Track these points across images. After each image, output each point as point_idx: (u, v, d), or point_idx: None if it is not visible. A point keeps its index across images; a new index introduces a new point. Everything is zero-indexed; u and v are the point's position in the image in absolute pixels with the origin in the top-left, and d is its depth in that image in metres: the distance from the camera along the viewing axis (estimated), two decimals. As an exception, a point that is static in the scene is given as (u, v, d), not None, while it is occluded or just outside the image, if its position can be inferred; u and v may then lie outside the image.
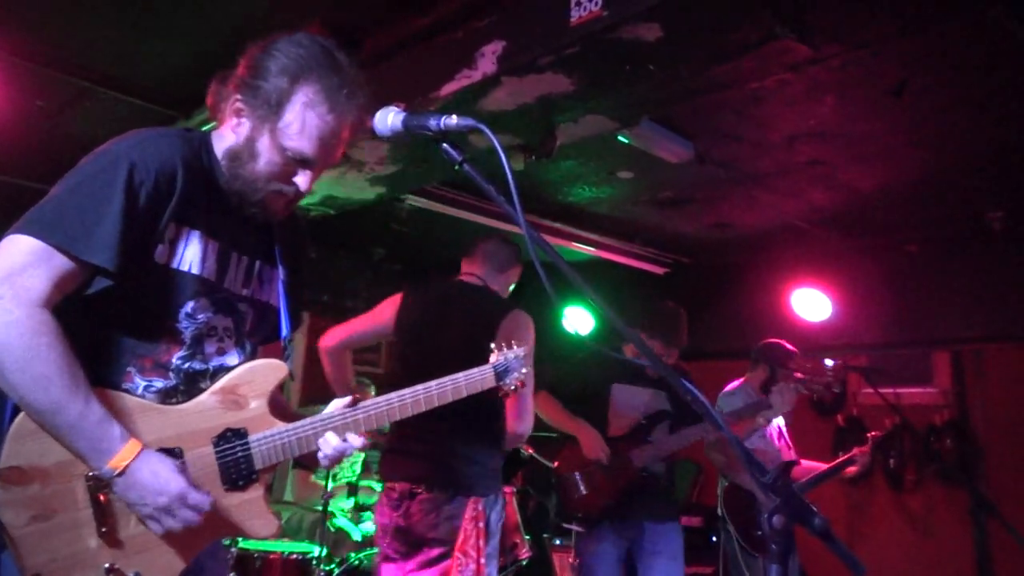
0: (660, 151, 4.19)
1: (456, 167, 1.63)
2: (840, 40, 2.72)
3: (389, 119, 1.68)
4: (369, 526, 4.99)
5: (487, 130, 1.56)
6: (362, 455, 5.34)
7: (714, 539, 6.41)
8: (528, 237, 1.61)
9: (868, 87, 3.59)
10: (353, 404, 1.82)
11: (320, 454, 1.78)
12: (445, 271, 7.42)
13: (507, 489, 5.08)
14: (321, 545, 4.43)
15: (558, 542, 5.19)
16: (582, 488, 3.91)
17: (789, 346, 4.92)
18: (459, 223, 5.55)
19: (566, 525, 4.01)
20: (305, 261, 2.06)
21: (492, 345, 2.07)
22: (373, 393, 5.16)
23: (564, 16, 2.70)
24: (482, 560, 2.91)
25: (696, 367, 4.82)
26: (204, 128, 4.07)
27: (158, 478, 1.55)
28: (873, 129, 4.07)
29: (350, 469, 5.27)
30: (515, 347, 2.06)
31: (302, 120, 1.69)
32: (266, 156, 1.71)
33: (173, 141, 1.71)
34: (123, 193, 1.56)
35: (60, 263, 1.53)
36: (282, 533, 4.86)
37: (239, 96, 1.73)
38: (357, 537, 4.85)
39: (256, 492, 1.74)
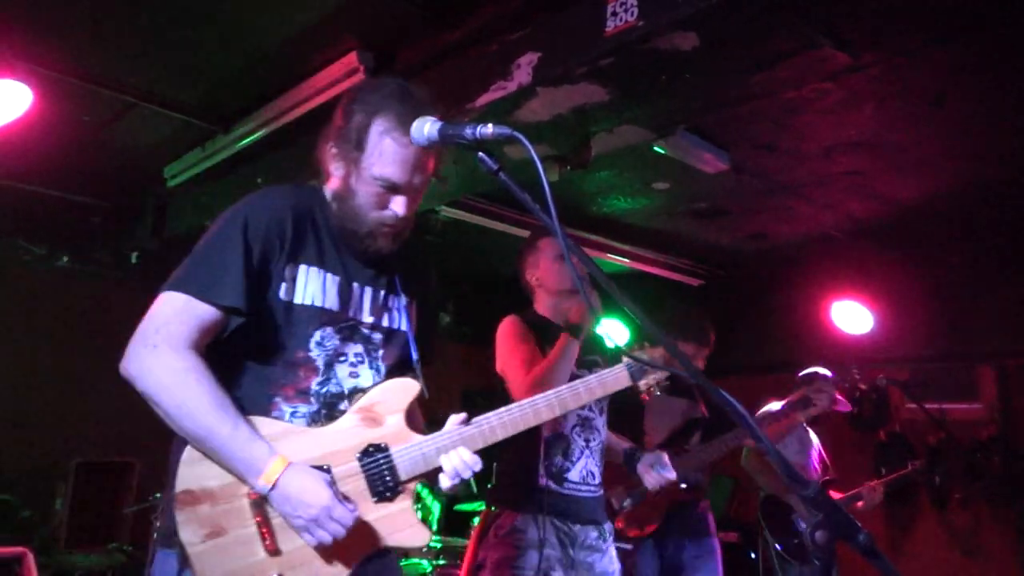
0: (696, 162, 4.16)
1: (492, 176, 1.63)
2: (879, 48, 2.67)
3: (425, 129, 1.71)
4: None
5: (523, 138, 1.55)
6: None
7: (753, 556, 6.31)
8: (564, 247, 1.60)
9: (907, 96, 3.53)
10: (467, 421, 1.90)
11: (446, 471, 1.84)
12: (478, 283, 7.50)
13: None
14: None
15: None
16: (626, 505, 3.77)
17: (828, 373, 4.87)
18: (493, 234, 5.56)
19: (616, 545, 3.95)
20: (431, 288, 2.17)
21: (622, 348, 2.09)
22: None
23: (599, 26, 2.70)
24: None
25: (734, 382, 4.77)
26: (246, 141, 4.17)
27: (307, 490, 1.68)
28: (912, 139, 4.00)
29: None
30: (647, 348, 2.12)
31: (381, 148, 1.84)
32: (361, 190, 1.87)
33: (284, 193, 1.93)
34: (241, 243, 1.77)
35: (200, 310, 1.74)
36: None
37: (332, 143, 1.92)
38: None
39: (404, 503, 1.84)
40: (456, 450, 1.85)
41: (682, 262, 6.45)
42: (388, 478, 1.81)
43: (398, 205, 1.88)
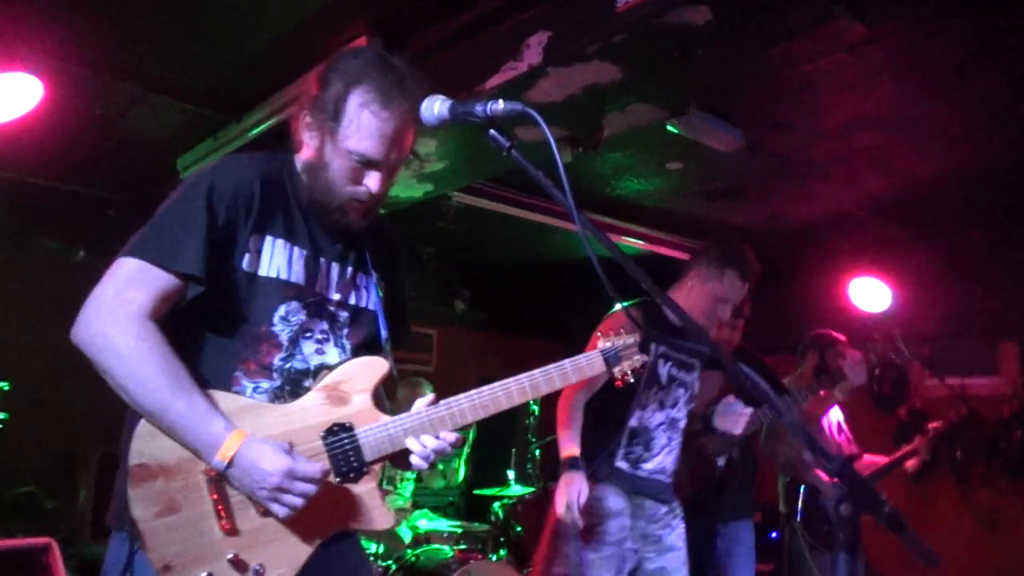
0: (710, 140, 4.10)
1: (504, 155, 1.62)
2: (896, 17, 2.62)
3: (435, 107, 1.69)
4: (424, 523, 5.01)
5: (534, 113, 1.54)
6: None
7: (774, 536, 6.28)
8: (579, 224, 1.58)
9: (926, 71, 3.46)
10: (435, 403, 1.85)
11: (421, 454, 1.79)
12: (493, 270, 7.49)
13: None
14: (377, 543, 4.46)
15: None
16: None
17: (835, 333, 4.82)
18: (507, 221, 5.53)
19: None
20: (402, 268, 2.12)
21: (598, 332, 2.07)
22: (429, 391, 5.14)
23: (610, 2, 2.66)
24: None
25: (752, 362, 4.72)
26: (258, 129, 4.15)
27: (264, 459, 1.61)
28: (932, 113, 3.93)
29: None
30: (623, 334, 2.05)
31: (358, 121, 1.77)
32: (335, 163, 1.80)
33: (251, 161, 1.87)
34: (204, 210, 1.70)
35: (158, 277, 1.67)
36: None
37: (307, 111, 1.85)
38: (407, 539, 4.87)
39: (369, 484, 1.79)
40: (430, 433, 1.79)
41: (697, 243, 6.40)
42: (353, 459, 1.76)
43: (372, 181, 1.81)
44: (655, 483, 3.16)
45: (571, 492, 2.90)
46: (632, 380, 2.06)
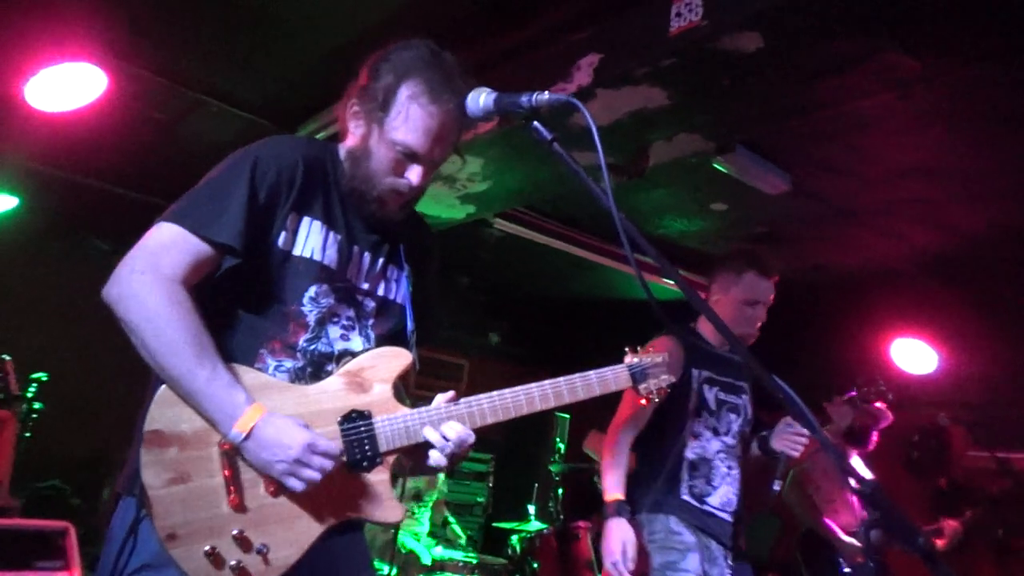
0: (756, 181, 4.09)
1: (546, 147, 1.63)
2: (948, 54, 2.59)
3: (481, 99, 1.72)
4: (439, 551, 4.94)
5: (580, 105, 1.56)
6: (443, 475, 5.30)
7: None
8: (620, 226, 1.58)
9: (978, 119, 3.42)
10: (455, 400, 1.82)
11: (439, 446, 1.76)
12: (530, 304, 7.46)
13: (582, 524, 4.97)
14: (391, 565, 4.41)
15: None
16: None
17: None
18: (546, 255, 5.52)
19: None
20: (433, 265, 2.12)
21: (627, 348, 2.04)
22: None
23: (663, 26, 2.69)
24: None
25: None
26: (312, 141, 4.19)
27: (284, 433, 1.61)
28: (984, 166, 3.87)
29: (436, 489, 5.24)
30: (652, 352, 2.02)
31: (406, 113, 1.79)
32: (379, 153, 1.82)
33: (296, 143, 1.90)
34: (247, 184, 1.72)
35: (194, 244, 1.68)
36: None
37: (355, 100, 1.87)
38: (427, 560, 4.80)
39: (381, 476, 1.76)
40: (449, 423, 1.75)
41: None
42: (367, 447, 1.73)
43: (414, 174, 1.82)
44: (720, 522, 2.99)
45: (615, 545, 2.76)
46: (656, 400, 2.02)
